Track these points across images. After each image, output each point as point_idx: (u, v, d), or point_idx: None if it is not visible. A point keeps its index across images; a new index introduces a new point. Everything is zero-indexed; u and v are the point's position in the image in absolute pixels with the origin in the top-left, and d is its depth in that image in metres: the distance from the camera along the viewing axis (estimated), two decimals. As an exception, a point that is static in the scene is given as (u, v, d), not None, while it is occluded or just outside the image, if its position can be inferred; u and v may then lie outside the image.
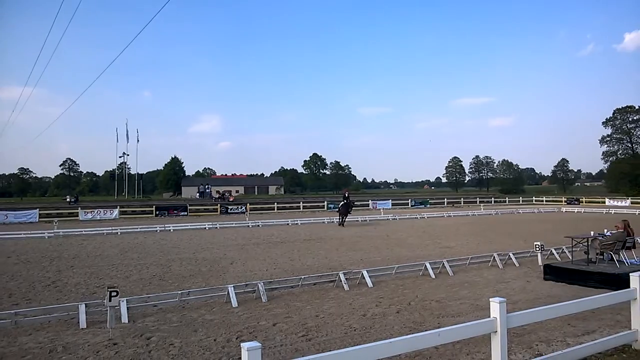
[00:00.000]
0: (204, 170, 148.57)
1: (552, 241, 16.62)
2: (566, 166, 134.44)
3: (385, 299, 9.58)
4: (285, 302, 9.36)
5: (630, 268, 10.40)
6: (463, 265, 13.05)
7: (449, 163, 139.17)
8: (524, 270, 12.73)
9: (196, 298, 9.43)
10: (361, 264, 13.90)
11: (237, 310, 8.77)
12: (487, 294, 9.28)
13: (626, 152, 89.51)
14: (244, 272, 13.00)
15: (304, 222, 31.73)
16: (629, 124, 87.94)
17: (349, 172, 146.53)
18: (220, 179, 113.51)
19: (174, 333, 7.40)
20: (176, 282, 11.80)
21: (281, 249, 17.96)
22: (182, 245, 19.81)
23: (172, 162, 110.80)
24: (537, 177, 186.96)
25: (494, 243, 19.03)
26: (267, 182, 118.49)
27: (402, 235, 23.06)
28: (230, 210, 44.40)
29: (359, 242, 20.02)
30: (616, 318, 7.64)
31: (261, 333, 7.35)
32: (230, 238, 22.44)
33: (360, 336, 7.10)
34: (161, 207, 42.98)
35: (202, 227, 28.43)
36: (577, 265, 11.60)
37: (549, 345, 6.43)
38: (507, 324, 4.85)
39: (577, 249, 12.98)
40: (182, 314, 8.58)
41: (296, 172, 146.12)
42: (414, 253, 16.37)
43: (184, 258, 15.84)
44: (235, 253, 16.97)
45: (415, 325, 7.59)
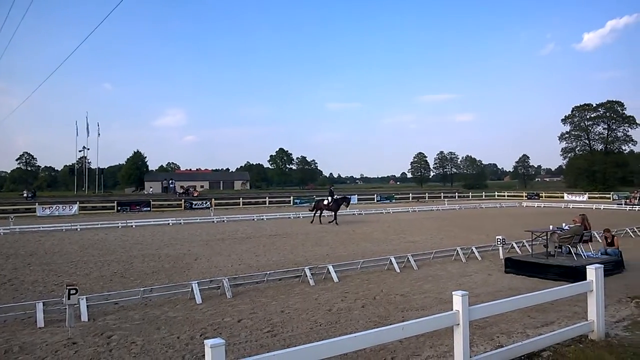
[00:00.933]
0: (168, 165, 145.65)
1: (513, 235, 17.08)
2: (527, 162, 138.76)
3: (351, 294, 9.61)
4: (251, 298, 9.27)
5: (587, 261, 10.78)
6: (427, 260, 13.24)
7: (414, 158, 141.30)
8: (486, 264, 13.02)
9: (159, 295, 9.21)
10: (327, 259, 13.93)
11: (202, 307, 8.63)
12: (450, 288, 9.43)
13: (584, 149, 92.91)
14: (208, 268, 12.80)
15: (270, 218, 31.59)
16: (586, 121, 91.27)
17: (315, 167, 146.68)
18: (184, 174, 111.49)
19: (135, 331, 7.22)
20: (138, 279, 11.52)
21: (247, 245, 17.80)
22: (144, 241, 19.36)
23: (135, 156, 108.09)
24: (500, 172, 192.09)
25: (458, 237, 19.41)
26: (232, 177, 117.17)
27: (368, 229, 23.25)
28: (194, 205, 43.73)
29: (324, 237, 20.06)
30: (574, 309, 7.90)
31: (226, 330, 7.25)
32: (195, 234, 22.09)
33: (325, 331, 7.09)
34: (123, 203, 41.94)
35: (166, 223, 27.87)
36: (537, 258, 11.95)
37: (510, 337, 6.58)
38: (469, 316, 4.93)
39: (537, 243, 13.38)
40: (145, 312, 8.38)
41: (262, 167, 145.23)
42: (379, 247, 16.51)
43: (146, 254, 15.49)
44: (199, 249, 16.71)
45: (380, 320, 7.64)
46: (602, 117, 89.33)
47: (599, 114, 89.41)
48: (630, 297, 8.67)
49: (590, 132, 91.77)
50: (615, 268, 11.46)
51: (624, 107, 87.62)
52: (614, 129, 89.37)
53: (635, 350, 5.89)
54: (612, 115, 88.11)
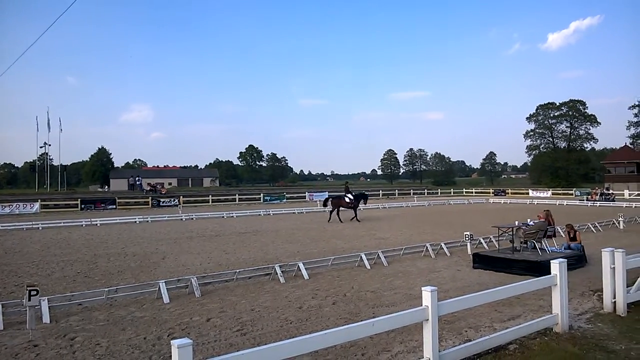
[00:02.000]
0: (135, 162, 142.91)
1: (481, 231, 17.40)
2: (494, 159, 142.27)
3: (322, 291, 9.59)
4: (220, 297, 9.14)
5: (551, 255, 11.06)
6: (397, 256, 13.34)
7: (385, 155, 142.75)
8: (455, 260, 13.22)
9: (125, 295, 8.98)
10: (297, 256, 13.87)
11: (169, 307, 8.45)
12: (420, 283, 9.53)
13: (548, 146, 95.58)
14: (176, 267, 12.57)
15: (239, 215, 31.30)
16: (550, 119, 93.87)
17: (285, 164, 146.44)
18: (151, 170, 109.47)
19: (100, 332, 7.01)
20: (103, 278, 11.21)
21: (216, 243, 17.57)
22: (110, 240, 18.88)
23: (99, 152, 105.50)
24: (467, 169, 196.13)
25: (427, 233, 19.66)
26: (201, 174, 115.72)
27: (339, 226, 23.30)
28: (162, 203, 42.96)
29: (295, 234, 19.99)
30: (539, 303, 8.09)
31: (194, 329, 7.11)
32: (162, 232, 21.68)
33: (296, 329, 7.05)
34: (87, 201, 40.78)
35: (132, 221, 27.27)
36: (503, 253, 12.19)
37: (478, 331, 6.68)
38: (438, 312, 4.98)
39: (503, 238, 13.65)
40: (110, 312, 8.15)
41: (232, 164, 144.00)
42: (350, 244, 16.56)
43: (112, 253, 15.09)
44: (167, 247, 16.39)
45: (350, 316, 7.65)
46: (565, 115, 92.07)
47: (562, 112, 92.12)
48: (592, 291, 8.93)
49: (554, 130, 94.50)
50: (578, 262, 11.81)
51: (586, 106, 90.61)
52: (576, 127, 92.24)
53: (597, 341, 6.07)
54: (575, 114, 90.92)
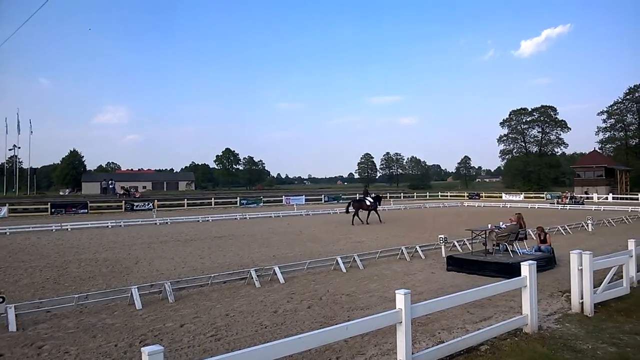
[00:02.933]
0: (108, 165, 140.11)
1: (455, 234, 17.65)
2: (468, 163, 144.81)
3: (297, 295, 9.58)
4: (194, 302, 9.03)
5: (522, 257, 11.28)
6: (373, 259, 13.41)
7: (361, 159, 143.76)
8: (430, 262, 13.36)
9: (96, 301, 8.79)
10: (273, 260, 13.82)
11: (142, 313, 8.31)
12: (395, 286, 9.57)
13: (520, 151, 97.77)
14: (149, 272, 12.37)
15: (215, 219, 31.02)
16: (522, 124, 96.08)
17: (262, 167, 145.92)
18: (125, 174, 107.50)
19: (69, 340, 6.84)
20: (73, 285, 10.95)
21: (191, 247, 17.37)
22: (81, 245, 18.45)
23: (71, 155, 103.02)
24: (443, 173, 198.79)
25: (403, 237, 19.83)
26: (176, 178, 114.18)
27: (315, 230, 23.31)
28: (136, 207, 42.23)
29: (271, 239, 19.91)
30: (510, 304, 8.24)
31: (167, 335, 7.01)
32: (136, 236, 21.31)
33: (271, 333, 7.02)
34: (57, 205, 39.75)
35: (105, 226, 26.71)
36: (476, 256, 12.39)
37: (450, 333, 6.77)
38: (411, 314, 5.03)
39: (477, 241, 13.86)
40: (80, 319, 7.96)
41: (208, 167, 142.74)
42: (326, 248, 16.57)
43: (82, 259, 14.76)
44: (140, 252, 16.12)
45: (326, 320, 7.65)
46: (536, 121, 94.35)
47: (534, 118, 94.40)
48: (561, 291, 9.16)
49: (526, 135, 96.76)
50: (547, 264, 12.08)
51: (557, 112, 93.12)
52: (547, 132, 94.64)
53: (565, 341, 6.22)
54: (546, 119, 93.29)
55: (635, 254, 9.50)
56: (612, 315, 7.46)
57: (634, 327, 6.85)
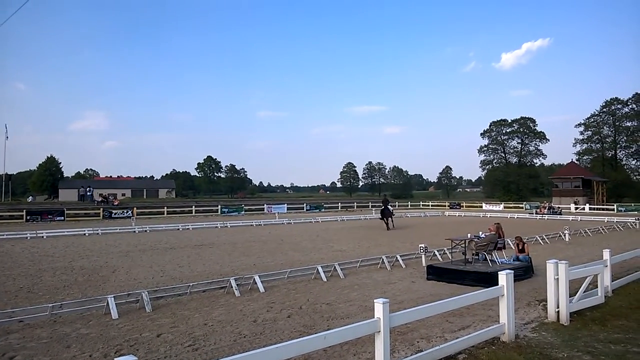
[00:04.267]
0: (86, 172, 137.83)
1: (436, 243, 17.76)
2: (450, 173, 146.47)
3: (277, 304, 9.51)
4: (172, 311, 8.90)
5: (500, 267, 11.41)
6: (354, 268, 13.42)
7: (344, 168, 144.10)
8: (410, 271, 13.41)
9: (70, 311, 8.60)
10: (254, 269, 13.73)
11: (118, 323, 8.15)
12: (375, 295, 9.59)
13: (500, 161, 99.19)
14: (127, 281, 12.16)
15: (195, 227, 30.71)
16: (502, 135, 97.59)
17: (244, 175, 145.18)
18: (104, 180, 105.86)
19: (42, 350, 6.68)
20: (48, 294, 10.70)
21: (170, 256, 17.13)
22: (56, 253, 18.06)
23: (48, 161, 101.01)
24: (425, 183, 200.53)
25: (384, 246, 19.89)
26: (157, 185, 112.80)
27: (297, 239, 23.23)
28: (114, 214, 41.57)
29: (252, 247, 19.78)
30: (488, 313, 8.32)
31: (143, 345, 6.89)
32: (113, 244, 20.95)
33: (249, 343, 6.95)
34: (33, 212, 38.90)
35: (82, 233, 26.19)
36: (456, 265, 12.48)
37: (429, 342, 6.79)
38: (390, 323, 5.03)
39: (457, 250, 13.98)
40: (54, 329, 7.77)
41: (189, 175, 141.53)
42: (307, 257, 16.52)
43: (57, 267, 14.44)
44: (118, 261, 15.84)
45: (305, 329, 7.61)
46: (516, 132, 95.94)
47: (514, 129, 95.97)
48: (538, 300, 9.27)
49: (506, 145, 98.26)
50: (525, 273, 12.23)
51: (536, 124, 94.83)
52: (526, 144, 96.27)
53: (542, 350, 6.29)
54: (525, 130, 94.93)
55: (610, 263, 9.70)
56: (587, 324, 7.58)
57: (608, 335, 6.96)
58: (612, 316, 8.08)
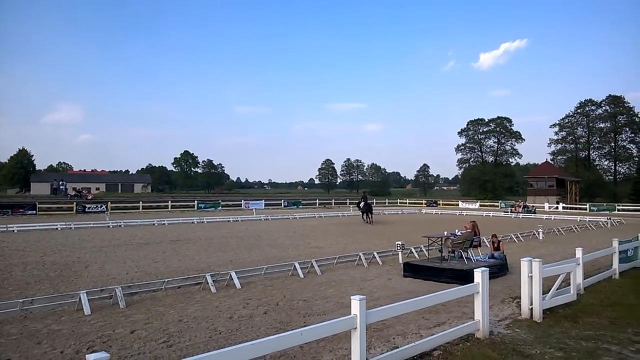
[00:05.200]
0: (59, 165, 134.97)
1: (412, 240, 17.90)
2: (427, 171, 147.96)
3: (254, 300, 9.45)
4: (147, 307, 8.76)
5: (476, 264, 11.54)
6: (331, 265, 13.43)
7: (322, 165, 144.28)
8: (387, 268, 13.49)
9: (41, 307, 8.39)
10: (230, 264, 13.62)
11: (90, 319, 7.98)
12: (351, 292, 9.62)
13: (477, 160, 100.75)
14: (100, 277, 11.93)
15: (171, 222, 30.31)
16: (479, 134, 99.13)
17: (222, 171, 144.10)
18: (77, 174, 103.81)
19: (12, 347, 6.50)
20: (18, 289, 10.43)
21: (145, 251, 16.88)
22: (27, 247, 17.60)
23: (20, 154, 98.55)
24: (402, 180, 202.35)
25: (361, 242, 19.97)
26: (132, 180, 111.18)
27: (274, 235, 23.15)
28: (88, 209, 40.72)
29: (229, 243, 19.64)
30: (463, 310, 8.41)
31: (116, 342, 6.76)
32: (87, 239, 20.53)
33: (225, 339, 6.88)
34: (3, 205, 37.88)
35: (54, 228, 25.61)
36: (432, 262, 12.60)
37: (405, 338, 6.83)
38: (366, 320, 5.03)
39: (433, 248, 14.10)
40: (24, 325, 7.58)
41: (165, 169, 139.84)
42: (284, 253, 16.48)
43: (28, 262, 14.08)
44: (91, 256, 15.53)
45: (282, 326, 7.58)
46: (493, 131, 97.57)
47: (490, 128, 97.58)
48: (512, 298, 9.42)
49: (483, 144, 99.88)
50: (500, 271, 12.43)
51: (512, 123, 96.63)
52: (503, 143, 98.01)
53: (515, 346, 6.39)
54: (502, 130, 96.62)
55: (582, 262, 9.92)
56: (559, 321, 7.73)
57: (580, 332, 7.12)
58: (584, 313, 8.26)
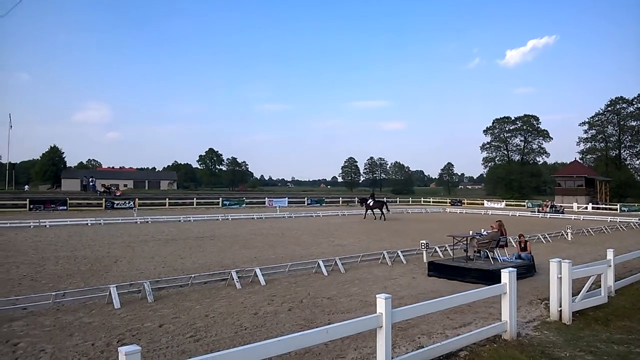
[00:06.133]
0: (88, 162, 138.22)
1: (437, 240, 17.75)
2: (451, 170, 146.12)
3: (278, 297, 9.53)
4: (174, 302, 8.92)
5: (502, 265, 11.39)
6: (354, 263, 13.42)
7: (345, 163, 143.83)
8: (411, 267, 13.41)
9: (73, 299, 8.64)
10: (255, 262, 13.74)
11: (120, 312, 8.18)
12: (375, 291, 9.60)
13: (503, 159, 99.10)
14: (129, 271, 12.19)
15: (197, 219, 30.73)
16: (505, 133, 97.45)
17: (245, 168, 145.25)
18: (106, 171, 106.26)
19: (45, 338, 6.70)
20: (51, 282, 10.74)
21: (171, 247, 17.17)
22: (59, 242, 18.11)
23: (51, 151, 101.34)
24: (426, 179, 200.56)
25: (385, 241, 19.89)
26: (159, 177, 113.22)
27: (297, 233, 23.25)
28: (116, 205, 41.60)
29: (253, 240, 19.81)
30: (489, 311, 8.31)
31: (145, 335, 6.91)
32: (116, 235, 21.00)
33: (250, 335, 6.96)
34: (36, 201, 39.01)
35: (84, 223, 26.26)
36: (457, 262, 12.47)
37: (430, 338, 6.79)
38: (391, 319, 5.02)
39: (458, 247, 13.96)
40: (57, 317, 7.80)
41: (191, 167, 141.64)
42: (308, 251, 16.54)
43: (60, 256, 14.49)
44: (120, 251, 15.88)
45: (306, 323, 7.62)
46: (519, 129, 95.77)
47: (517, 126, 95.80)
48: (540, 299, 9.26)
49: (509, 143, 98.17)
50: (527, 271, 12.23)
51: (539, 122, 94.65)
52: (529, 141, 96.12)
53: (544, 349, 6.28)
54: (529, 128, 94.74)
55: (613, 263, 9.68)
56: (589, 324, 7.57)
57: (611, 335, 6.96)
58: (615, 316, 8.07)
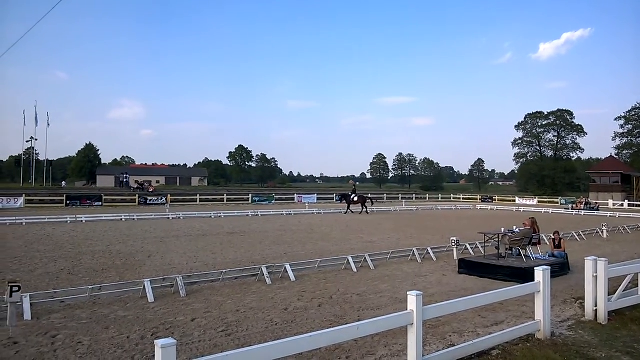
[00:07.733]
0: (122, 159, 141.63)
1: (467, 237, 17.52)
2: (482, 166, 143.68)
3: (308, 293, 9.59)
4: (205, 297, 9.09)
5: (535, 263, 11.17)
6: (384, 260, 13.38)
7: (374, 159, 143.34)
8: (441, 264, 13.28)
9: (109, 293, 8.90)
10: (284, 257, 13.85)
11: (154, 306, 8.38)
12: (405, 288, 9.55)
13: (535, 155, 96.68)
14: (162, 266, 12.47)
15: (227, 215, 31.14)
16: (538, 128, 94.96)
17: (275, 165, 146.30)
18: (139, 168, 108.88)
19: (82, 330, 6.93)
20: (87, 276, 11.08)
21: (203, 242, 17.47)
22: (95, 237, 18.67)
23: (87, 148, 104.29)
24: (456, 175, 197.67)
25: (414, 238, 19.75)
26: (190, 173, 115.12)
27: (327, 229, 23.30)
28: (149, 201, 42.59)
29: (283, 236, 19.96)
30: (522, 309, 8.17)
31: (178, 329, 7.07)
32: (149, 230, 21.50)
33: (281, 330, 7.04)
34: (73, 197, 40.25)
35: (118, 219, 27.00)
36: (489, 259, 12.28)
37: (461, 336, 6.73)
38: (423, 316, 5.00)
39: (489, 244, 13.73)
40: (93, 310, 8.06)
41: (221, 163, 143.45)
42: (337, 247, 16.57)
43: (96, 251, 14.93)
44: (153, 246, 16.26)
45: (336, 319, 7.65)
46: (552, 124, 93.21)
47: (550, 121, 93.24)
48: (574, 298, 9.04)
49: (542, 138, 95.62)
50: (561, 270, 11.94)
51: (573, 116, 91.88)
52: (563, 137, 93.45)
53: (578, 349, 6.14)
54: (562, 123, 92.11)
55: (651, 262, 9.36)
56: (626, 324, 7.35)
57: (649, 336, 6.74)
58: (653, 317, 7.82)
